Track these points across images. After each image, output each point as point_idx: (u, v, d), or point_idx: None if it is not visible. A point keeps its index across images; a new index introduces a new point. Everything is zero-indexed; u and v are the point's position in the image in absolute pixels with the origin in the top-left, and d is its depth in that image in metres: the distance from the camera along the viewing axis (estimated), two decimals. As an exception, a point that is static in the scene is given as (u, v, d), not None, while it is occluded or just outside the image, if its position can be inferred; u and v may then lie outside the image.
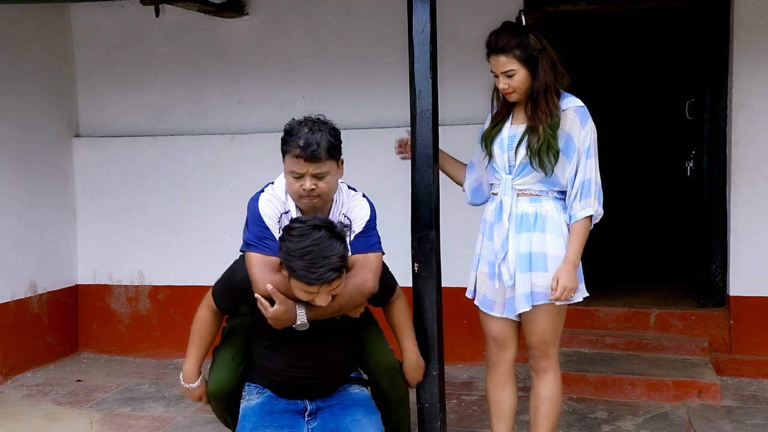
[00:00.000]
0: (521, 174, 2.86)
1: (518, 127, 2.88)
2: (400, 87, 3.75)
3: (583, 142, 2.83)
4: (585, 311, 4.79)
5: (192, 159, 5.12)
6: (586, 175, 2.83)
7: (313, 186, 2.71)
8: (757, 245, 4.48)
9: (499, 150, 2.90)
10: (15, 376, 4.78)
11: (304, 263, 2.50)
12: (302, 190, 2.72)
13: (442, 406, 3.12)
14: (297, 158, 2.68)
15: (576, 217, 2.84)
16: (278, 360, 2.87)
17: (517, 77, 2.81)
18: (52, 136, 5.17)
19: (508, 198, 2.87)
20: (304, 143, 2.67)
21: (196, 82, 5.16)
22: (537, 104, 2.81)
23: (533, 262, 2.84)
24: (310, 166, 2.68)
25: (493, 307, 2.97)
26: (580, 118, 2.84)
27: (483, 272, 3.00)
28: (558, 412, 3.04)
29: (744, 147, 4.47)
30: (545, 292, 2.84)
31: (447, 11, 3.93)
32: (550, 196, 2.88)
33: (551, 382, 2.98)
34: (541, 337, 2.92)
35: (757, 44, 4.40)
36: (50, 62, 5.16)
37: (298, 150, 2.67)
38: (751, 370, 4.47)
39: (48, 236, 5.11)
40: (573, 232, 2.85)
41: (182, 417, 4.08)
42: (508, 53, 2.80)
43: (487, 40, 2.86)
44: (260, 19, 5.02)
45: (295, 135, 2.71)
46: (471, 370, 4.62)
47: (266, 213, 2.80)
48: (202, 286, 5.10)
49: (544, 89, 2.80)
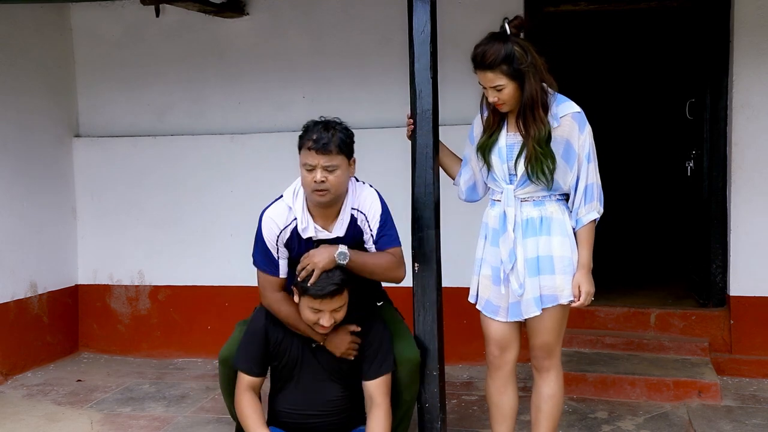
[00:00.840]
0: (523, 185, 2.85)
1: (516, 136, 2.86)
2: (400, 87, 3.75)
3: (583, 147, 2.84)
4: (585, 311, 4.78)
5: (192, 159, 5.12)
6: (588, 180, 2.85)
7: (324, 178, 2.86)
8: (757, 245, 4.48)
9: (498, 160, 2.87)
10: (15, 376, 4.78)
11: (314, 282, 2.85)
12: (313, 182, 2.87)
13: (443, 406, 3.12)
14: (309, 150, 2.87)
15: (582, 222, 2.87)
16: (287, 402, 3.09)
17: (506, 91, 2.78)
18: (52, 136, 5.17)
19: (511, 209, 2.85)
20: (317, 137, 2.87)
21: (196, 82, 5.16)
22: (525, 118, 2.79)
23: (541, 266, 2.84)
24: (321, 158, 2.85)
25: (497, 312, 2.95)
26: (579, 124, 2.84)
27: (486, 276, 2.97)
28: (560, 411, 3.04)
29: (744, 147, 4.47)
30: (554, 294, 2.85)
31: (447, 11, 3.93)
32: (552, 198, 2.88)
33: (554, 381, 2.98)
34: (547, 339, 2.92)
35: (757, 44, 4.40)
36: (50, 62, 5.16)
37: (311, 143, 2.87)
38: (752, 370, 4.47)
39: (48, 236, 5.11)
40: (582, 237, 2.88)
41: (182, 417, 4.08)
42: (495, 69, 2.76)
43: (472, 54, 2.81)
44: (260, 19, 5.02)
45: (310, 131, 2.92)
46: (471, 370, 4.62)
47: (266, 235, 3.04)
48: (202, 286, 5.16)
49: (531, 104, 2.78)
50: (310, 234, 2.98)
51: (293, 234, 3.01)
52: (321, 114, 3.28)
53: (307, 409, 3.07)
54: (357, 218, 3.04)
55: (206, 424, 3.96)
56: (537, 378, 3.02)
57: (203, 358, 5.11)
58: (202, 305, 5.15)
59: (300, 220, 2.98)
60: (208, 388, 4.54)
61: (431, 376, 3.05)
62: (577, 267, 2.87)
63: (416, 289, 3.04)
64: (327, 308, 2.87)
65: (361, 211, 3.03)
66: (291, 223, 3.00)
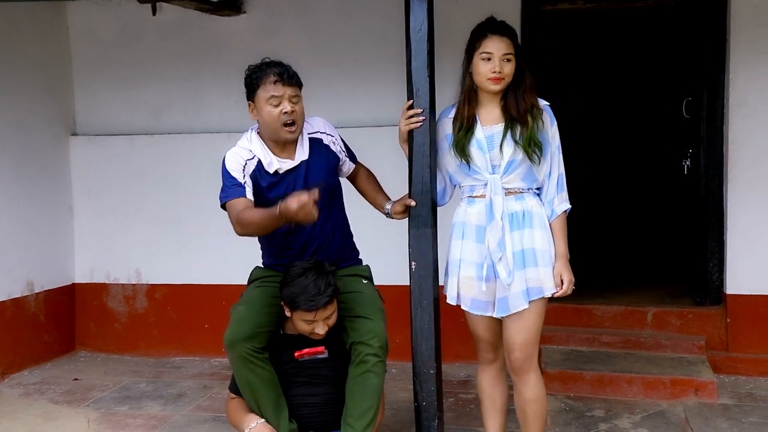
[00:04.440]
0: (508, 171, 2.87)
1: (492, 128, 2.89)
2: (397, 85, 3.75)
3: (554, 138, 2.93)
4: (582, 309, 4.80)
5: (189, 157, 5.11)
6: (560, 170, 2.95)
7: (293, 108, 2.99)
8: (754, 243, 4.49)
9: (479, 152, 2.88)
10: (12, 375, 4.78)
11: (305, 297, 2.91)
12: (283, 114, 2.98)
13: (440, 404, 3.12)
14: (275, 84, 2.99)
15: (556, 212, 2.93)
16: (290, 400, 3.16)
17: (511, 65, 2.83)
18: (49, 134, 5.17)
19: (498, 197, 2.87)
20: (279, 71, 3.00)
21: (193, 81, 5.16)
22: (524, 98, 2.85)
23: (526, 259, 2.86)
24: (287, 89, 3.00)
25: (486, 309, 2.95)
26: (550, 116, 2.94)
27: (468, 276, 2.95)
28: (546, 409, 3.03)
29: (741, 145, 4.48)
30: (539, 286, 2.87)
31: (444, 9, 3.93)
32: (531, 192, 2.93)
33: (536, 384, 2.95)
34: (528, 337, 2.90)
35: (753, 42, 4.40)
36: (47, 60, 5.15)
37: (274, 76, 3.00)
38: (748, 368, 4.48)
39: (45, 235, 5.10)
40: (557, 228, 2.93)
41: (179, 415, 4.08)
42: (510, 38, 2.84)
43: (485, 22, 2.87)
44: (257, 17, 5.02)
45: (265, 69, 3.04)
46: (468, 368, 4.62)
47: (230, 166, 3.07)
48: (199, 284, 5.15)
49: (530, 84, 2.87)
50: (276, 167, 3.06)
51: (258, 167, 3.07)
52: (320, 114, 3.31)
53: (301, 407, 3.15)
54: (322, 139, 3.18)
55: (203, 422, 3.96)
56: (517, 382, 2.98)
57: (200, 357, 5.11)
58: (199, 304, 5.14)
59: (262, 156, 3.06)
60: (205, 386, 4.54)
61: (428, 375, 3.04)
62: (557, 257, 2.90)
63: (413, 287, 3.04)
64: (320, 318, 2.96)
65: (324, 132, 3.21)
66: (253, 158, 3.08)
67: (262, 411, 3.08)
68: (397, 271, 3.66)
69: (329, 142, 3.21)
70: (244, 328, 3.02)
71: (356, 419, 3.00)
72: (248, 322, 3.03)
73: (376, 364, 3.02)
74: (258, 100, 3.04)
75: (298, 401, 3.14)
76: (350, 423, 3.00)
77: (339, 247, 3.24)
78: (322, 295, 2.91)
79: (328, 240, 3.18)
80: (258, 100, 3.04)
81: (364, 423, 3.00)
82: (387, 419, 3.71)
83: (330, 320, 3.00)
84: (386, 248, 4.07)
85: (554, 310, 4.35)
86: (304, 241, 3.15)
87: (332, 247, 3.18)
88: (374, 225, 3.62)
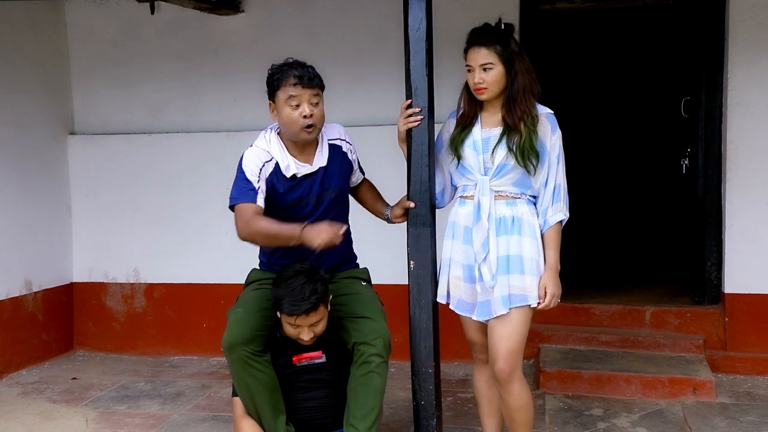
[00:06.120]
0: (499, 175, 2.86)
1: (490, 131, 2.88)
2: (396, 84, 3.75)
3: (554, 147, 2.87)
4: (580, 308, 4.80)
5: (187, 157, 5.11)
6: (557, 181, 2.89)
7: (312, 111, 2.95)
8: (752, 243, 4.49)
9: (473, 152, 2.88)
10: (10, 374, 4.77)
11: (289, 300, 2.91)
12: (302, 117, 2.94)
13: (438, 403, 3.12)
14: (295, 86, 2.95)
15: (549, 223, 2.89)
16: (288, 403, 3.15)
17: (493, 72, 2.81)
18: (47, 133, 5.16)
19: (486, 198, 2.86)
20: (299, 73, 2.96)
21: (192, 80, 5.15)
22: (516, 105, 2.82)
23: (511, 265, 2.85)
24: (307, 91, 2.96)
25: (471, 310, 2.95)
26: (551, 124, 2.88)
27: (457, 276, 2.96)
28: (532, 414, 2.99)
29: (739, 144, 4.48)
30: (523, 294, 2.85)
31: (443, 8, 3.93)
32: (524, 199, 2.89)
33: (520, 393, 2.92)
34: (511, 345, 2.86)
35: (752, 41, 4.41)
36: (45, 59, 5.15)
37: (294, 78, 2.96)
38: (746, 367, 4.49)
39: (43, 234, 5.09)
40: (549, 239, 2.89)
41: (178, 415, 4.08)
42: (489, 47, 2.81)
43: (469, 32, 2.89)
44: (256, 16, 5.02)
45: (286, 70, 2.99)
46: (467, 367, 4.62)
47: (247, 167, 3.02)
48: (197, 283, 5.15)
49: (522, 90, 2.83)
50: (293, 171, 3.04)
51: (276, 170, 3.04)
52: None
53: (301, 411, 3.15)
54: (341, 146, 3.16)
55: (202, 421, 3.96)
56: (502, 391, 2.94)
57: (199, 356, 5.10)
58: (197, 303, 5.14)
59: (280, 159, 3.04)
60: (204, 385, 4.54)
61: (426, 374, 3.04)
62: (545, 268, 2.87)
63: (411, 286, 3.04)
64: (304, 324, 2.95)
65: (344, 139, 3.19)
66: (271, 160, 3.05)
67: (260, 414, 3.08)
68: (395, 270, 3.67)
69: (347, 150, 3.20)
70: (242, 332, 3.01)
71: (359, 420, 2.99)
72: (246, 325, 3.03)
73: (380, 364, 3.01)
74: (278, 101, 3.01)
75: (297, 404, 3.13)
76: (353, 424, 2.99)
77: (341, 253, 3.23)
78: (305, 301, 2.89)
79: (332, 247, 3.16)
80: (278, 101, 3.01)
81: (368, 424, 2.99)
82: (386, 418, 3.72)
83: (316, 328, 2.99)
84: (385, 247, 4.08)
85: (553, 309, 4.34)
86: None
87: (335, 253, 3.16)
88: (373, 224, 3.61)
